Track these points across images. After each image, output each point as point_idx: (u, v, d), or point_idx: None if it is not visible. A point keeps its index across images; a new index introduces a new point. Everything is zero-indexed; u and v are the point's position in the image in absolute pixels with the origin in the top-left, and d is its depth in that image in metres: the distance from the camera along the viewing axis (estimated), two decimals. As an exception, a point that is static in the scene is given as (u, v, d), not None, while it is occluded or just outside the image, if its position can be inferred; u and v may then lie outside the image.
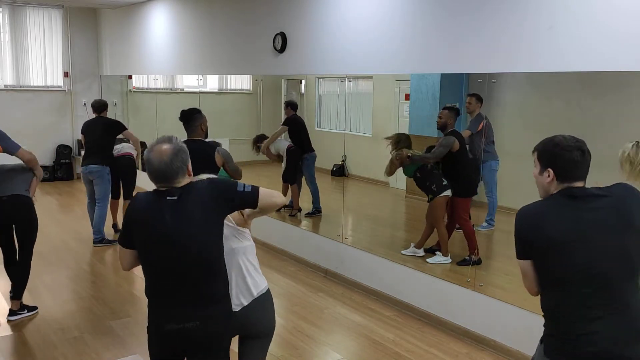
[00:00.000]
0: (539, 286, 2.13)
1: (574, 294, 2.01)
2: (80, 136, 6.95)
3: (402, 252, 5.32)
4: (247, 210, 2.53)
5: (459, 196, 5.11)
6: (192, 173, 2.34)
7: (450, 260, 5.12)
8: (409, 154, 5.27)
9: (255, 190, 2.37)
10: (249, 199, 2.36)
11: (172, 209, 2.23)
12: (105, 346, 4.13)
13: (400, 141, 5.41)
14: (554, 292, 2.08)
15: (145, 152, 2.29)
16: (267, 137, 7.10)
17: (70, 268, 5.86)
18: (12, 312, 4.51)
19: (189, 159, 2.32)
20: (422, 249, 5.29)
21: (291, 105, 6.99)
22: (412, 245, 5.35)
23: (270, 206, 2.45)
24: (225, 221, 2.40)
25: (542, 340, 2.24)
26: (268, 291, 2.68)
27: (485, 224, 5.60)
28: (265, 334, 2.70)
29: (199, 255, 2.26)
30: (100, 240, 6.53)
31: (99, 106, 6.64)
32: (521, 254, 2.11)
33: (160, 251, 2.26)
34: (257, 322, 2.64)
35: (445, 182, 5.15)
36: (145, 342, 2.50)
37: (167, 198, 2.24)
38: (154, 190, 2.31)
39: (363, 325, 4.57)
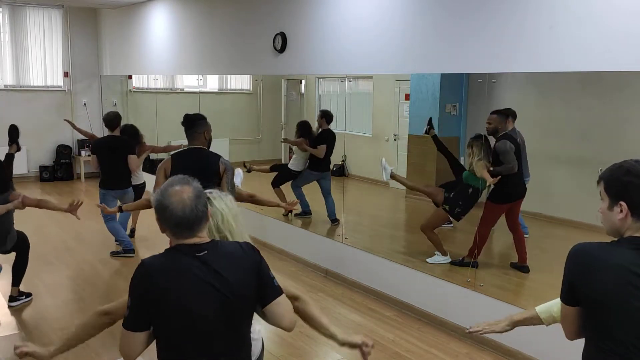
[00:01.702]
0: (579, 334, 1.87)
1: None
2: (78, 136, 6.76)
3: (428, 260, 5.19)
4: None
5: (495, 202, 4.87)
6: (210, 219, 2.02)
7: (449, 260, 5.10)
8: (490, 169, 4.83)
9: (280, 290, 2.02)
10: (269, 293, 2.00)
11: (203, 266, 1.88)
12: (105, 346, 4.13)
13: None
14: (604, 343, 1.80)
15: (157, 197, 1.94)
16: (311, 130, 6.81)
17: (70, 268, 5.86)
18: (12, 299, 4.80)
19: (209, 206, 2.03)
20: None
21: (326, 117, 6.60)
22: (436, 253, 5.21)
23: (277, 319, 2.02)
24: None
25: None
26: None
27: None
28: None
29: (232, 317, 1.92)
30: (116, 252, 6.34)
31: (110, 121, 6.20)
32: (566, 299, 1.84)
33: (187, 316, 1.86)
34: None
35: (463, 215, 5.06)
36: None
37: (196, 254, 1.89)
38: (172, 248, 1.94)
39: (363, 325, 4.57)
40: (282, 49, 6.07)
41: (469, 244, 4.97)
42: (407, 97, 6.69)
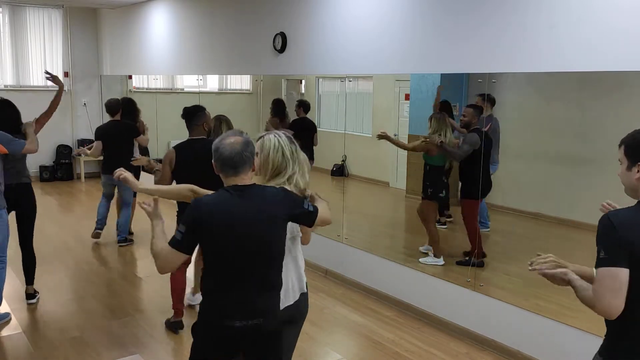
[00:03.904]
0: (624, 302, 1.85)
1: None
2: (79, 136, 6.77)
3: (420, 260, 5.21)
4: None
5: (470, 198, 4.95)
6: (256, 168, 2.43)
7: (442, 263, 5.06)
8: (441, 141, 5.04)
9: (316, 210, 2.51)
10: (309, 218, 2.49)
11: (241, 201, 2.30)
12: (105, 346, 4.13)
13: (440, 124, 5.13)
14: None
15: (215, 142, 2.36)
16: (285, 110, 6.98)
17: (70, 268, 5.86)
18: (30, 296, 4.89)
19: (255, 156, 2.41)
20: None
21: (303, 106, 6.79)
22: (429, 252, 5.23)
23: (322, 224, 2.58)
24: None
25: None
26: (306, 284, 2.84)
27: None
28: (303, 320, 2.83)
29: (264, 244, 2.34)
30: (124, 239, 6.58)
31: (111, 107, 6.47)
32: (615, 261, 1.82)
33: (229, 241, 2.30)
34: (303, 313, 2.78)
35: (442, 194, 5.13)
36: (146, 342, 2.50)
37: (234, 192, 2.31)
38: (223, 188, 2.36)
39: (363, 325, 4.57)
40: (282, 49, 6.07)
41: (464, 244, 4.98)
42: (407, 97, 6.68)
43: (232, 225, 2.28)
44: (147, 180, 6.78)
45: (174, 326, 4.37)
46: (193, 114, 4.19)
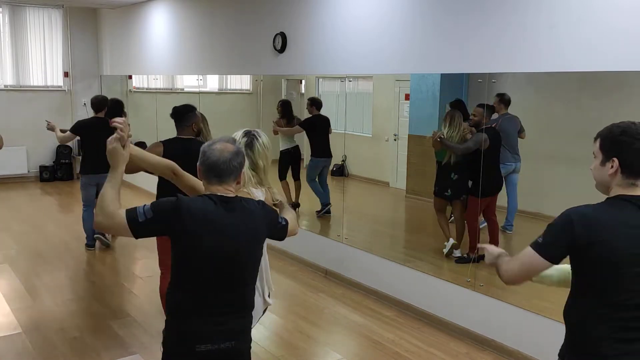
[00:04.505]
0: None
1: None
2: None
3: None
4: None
5: (472, 195, 4.92)
6: (241, 182, 2.30)
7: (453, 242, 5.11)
8: (441, 137, 5.06)
9: (287, 224, 2.48)
10: (282, 233, 2.46)
11: (227, 214, 2.17)
12: (105, 346, 4.13)
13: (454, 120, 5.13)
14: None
15: (203, 145, 2.23)
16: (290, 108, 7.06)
17: (70, 268, 5.86)
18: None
19: (244, 168, 2.29)
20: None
21: (315, 104, 6.77)
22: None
23: (289, 235, 2.53)
24: None
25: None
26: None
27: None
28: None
29: (245, 263, 2.24)
30: (92, 244, 6.34)
31: (97, 103, 6.13)
32: (544, 252, 1.88)
33: (210, 254, 2.15)
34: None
35: (448, 192, 5.16)
36: (146, 342, 2.50)
37: (219, 203, 2.17)
38: (207, 195, 2.20)
39: (363, 325, 4.57)
40: (282, 49, 6.07)
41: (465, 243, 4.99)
42: (407, 97, 6.68)
43: (216, 239, 2.13)
44: (147, 181, 6.79)
45: None
46: (183, 114, 4.10)
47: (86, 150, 6.11)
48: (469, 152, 4.92)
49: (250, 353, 2.34)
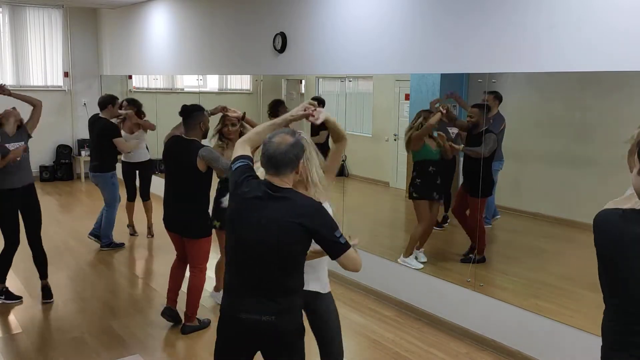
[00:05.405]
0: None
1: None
2: (79, 136, 6.75)
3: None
4: (316, 247, 2.44)
5: (479, 196, 4.86)
6: (299, 172, 2.39)
7: (421, 266, 5.02)
8: (454, 146, 5.09)
9: (346, 246, 2.35)
10: (334, 249, 2.35)
11: (272, 201, 2.27)
12: (105, 346, 4.13)
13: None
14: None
15: (266, 137, 2.35)
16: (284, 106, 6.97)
17: (70, 268, 5.86)
18: (46, 292, 4.91)
19: (303, 159, 2.39)
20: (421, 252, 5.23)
21: (322, 104, 6.78)
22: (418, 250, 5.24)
23: (346, 267, 2.41)
24: None
25: None
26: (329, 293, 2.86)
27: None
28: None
29: (278, 249, 2.28)
30: (108, 244, 6.38)
31: (100, 103, 6.27)
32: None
33: (248, 235, 2.29)
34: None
35: (433, 195, 5.15)
36: (146, 341, 2.51)
37: (269, 191, 2.28)
38: (262, 181, 2.34)
39: (363, 325, 4.57)
40: (282, 49, 6.07)
41: (462, 244, 4.96)
42: (407, 97, 6.68)
43: (250, 224, 2.28)
44: (152, 186, 6.77)
45: (164, 313, 4.42)
46: (190, 113, 4.16)
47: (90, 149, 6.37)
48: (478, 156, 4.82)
49: (298, 338, 2.42)
